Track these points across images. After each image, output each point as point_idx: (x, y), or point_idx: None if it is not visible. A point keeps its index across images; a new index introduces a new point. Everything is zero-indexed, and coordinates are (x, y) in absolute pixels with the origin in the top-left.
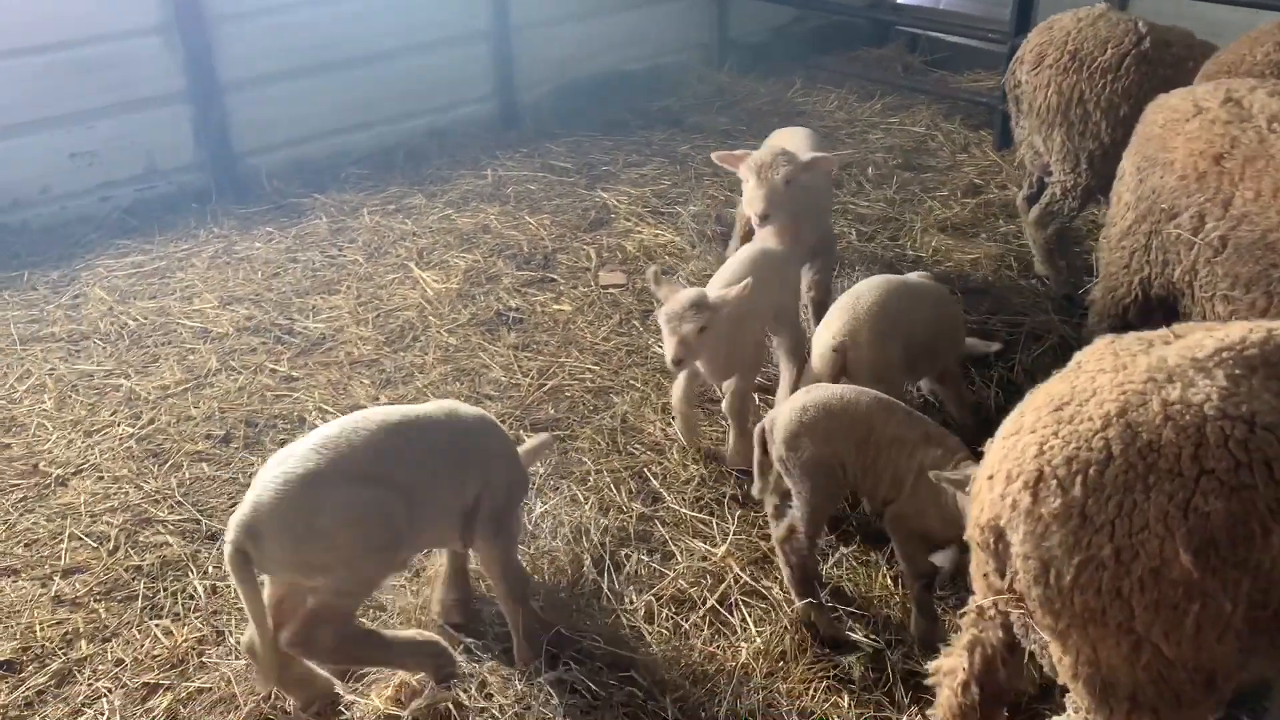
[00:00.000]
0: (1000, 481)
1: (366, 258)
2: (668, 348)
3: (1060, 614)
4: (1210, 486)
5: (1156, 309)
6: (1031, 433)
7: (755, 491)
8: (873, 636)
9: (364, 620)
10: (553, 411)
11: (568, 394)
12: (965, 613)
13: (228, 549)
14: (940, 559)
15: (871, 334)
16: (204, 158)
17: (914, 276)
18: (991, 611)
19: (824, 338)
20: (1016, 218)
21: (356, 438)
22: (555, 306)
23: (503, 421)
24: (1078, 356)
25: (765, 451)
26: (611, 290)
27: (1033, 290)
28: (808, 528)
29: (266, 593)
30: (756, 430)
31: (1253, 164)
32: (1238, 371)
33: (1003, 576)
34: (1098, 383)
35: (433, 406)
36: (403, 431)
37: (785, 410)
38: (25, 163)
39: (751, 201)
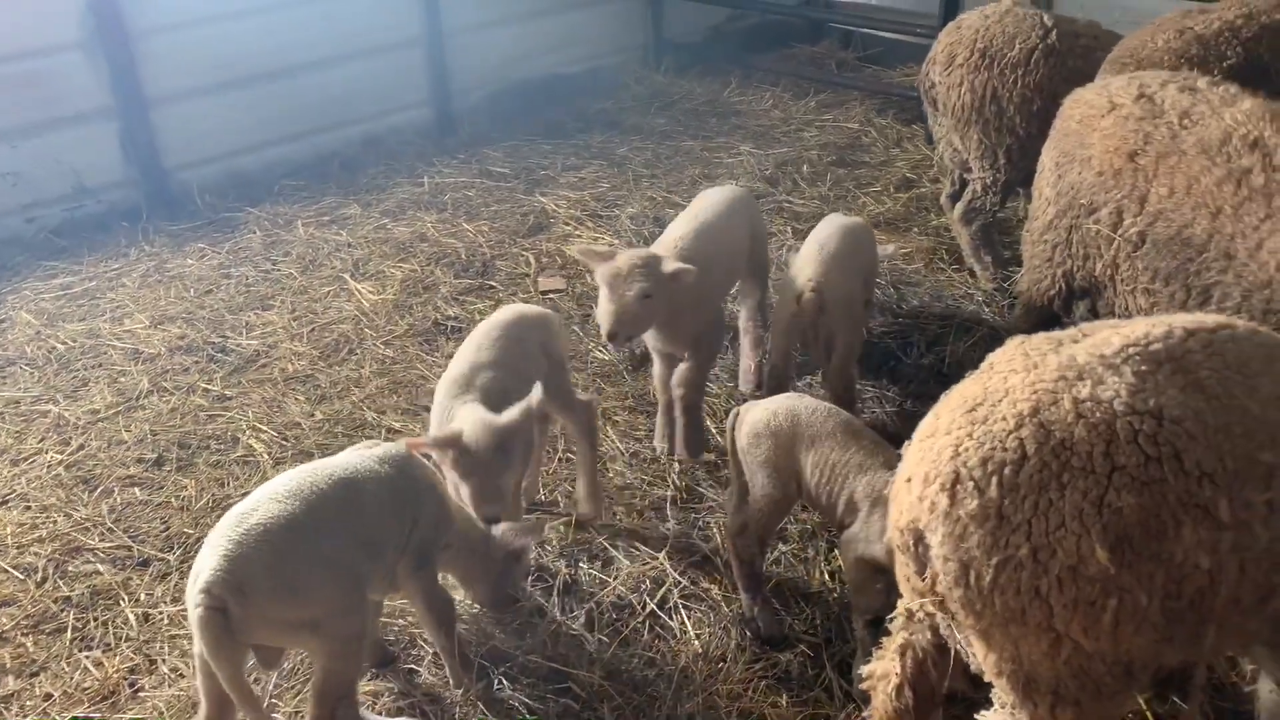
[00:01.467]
0: (918, 484)
1: (301, 271)
2: (604, 316)
3: (981, 614)
4: (1123, 482)
5: (1080, 300)
6: (947, 434)
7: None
8: (810, 634)
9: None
10: None
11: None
12: (894, 616)
13: (200, 611)
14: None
15: (841, 273)
16: (133, 175)
17: (841, 217)
18: (920, 615)
19: (799, 282)
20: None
21: (316, 490)
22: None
23: None
24: (990, 358)
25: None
26: (551, 295)
27: (964, 282)
28: (758, 527)
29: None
30: (730, 417)
31: (1165, 160)
32: (1144, 367)
33: (923, 578)
34: (1010, 383)
35: (365, 453)
36: (353, 483)
37: (758, 406)
38: None
39: (601, 317)
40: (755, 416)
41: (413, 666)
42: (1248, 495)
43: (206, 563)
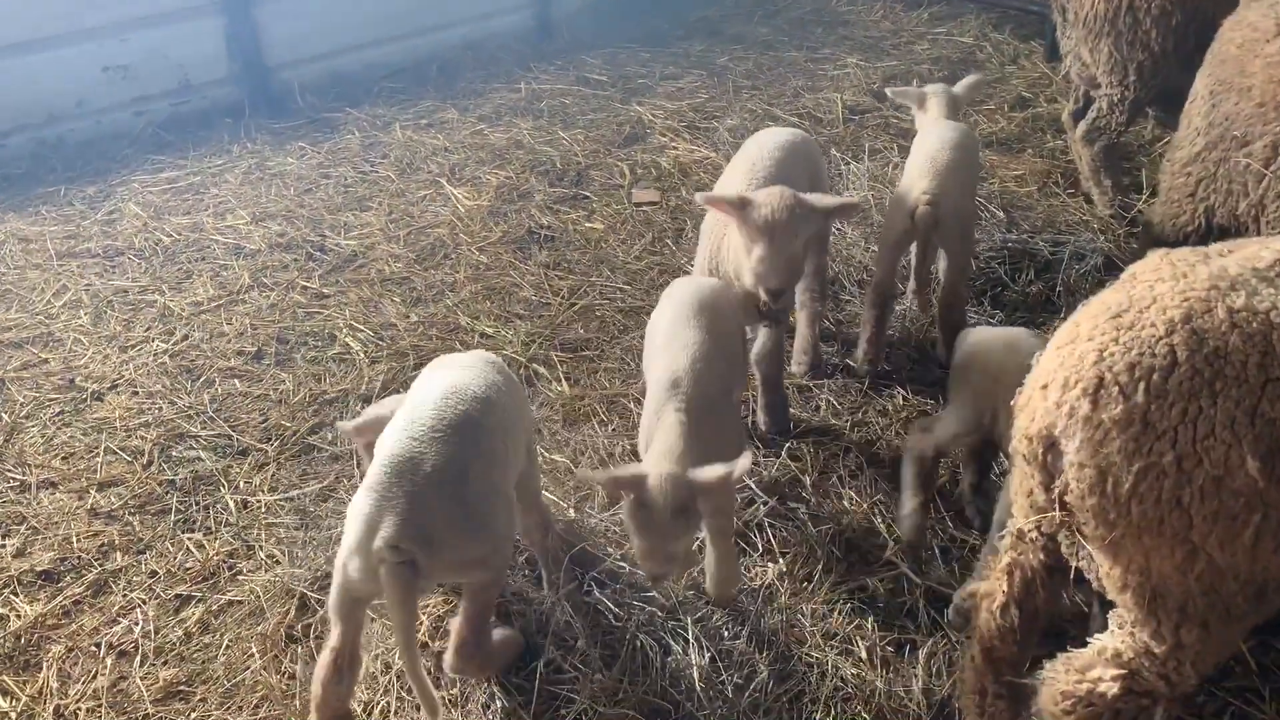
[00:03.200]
0: (1055, 390)
1: (398, 174)
2: (767, 271)
3: (1115, 523)
4: (1277, 394)
5: (1216, 240)
6: (1089, 340)
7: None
8: (896, 561)
9: None
10: (582, 331)
11: (598, 314)
12: (1004, 535)
13: (389, 567)
14: None
15: (957, 186)
16: (237, 72)
17: (961, 127)
18: (1033, 534)
19: (914, 195)
20: (1064, 133)
21: (470, 420)
22: (587, 225)
23: (532, 341)
24: (1130, 269)
25: None
26: (645, 208)
27: (1079, 208)
28: (939, 438)
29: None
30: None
31: None
32: None
33: (1048, 491)
34: (1157, 290)
35: (475, 363)
36: (489, 401)
37: (982, 332)
38: (59, 77)
39: (762, 275)
40: (974, 340)
41: None
42: None
43: (383, 516)
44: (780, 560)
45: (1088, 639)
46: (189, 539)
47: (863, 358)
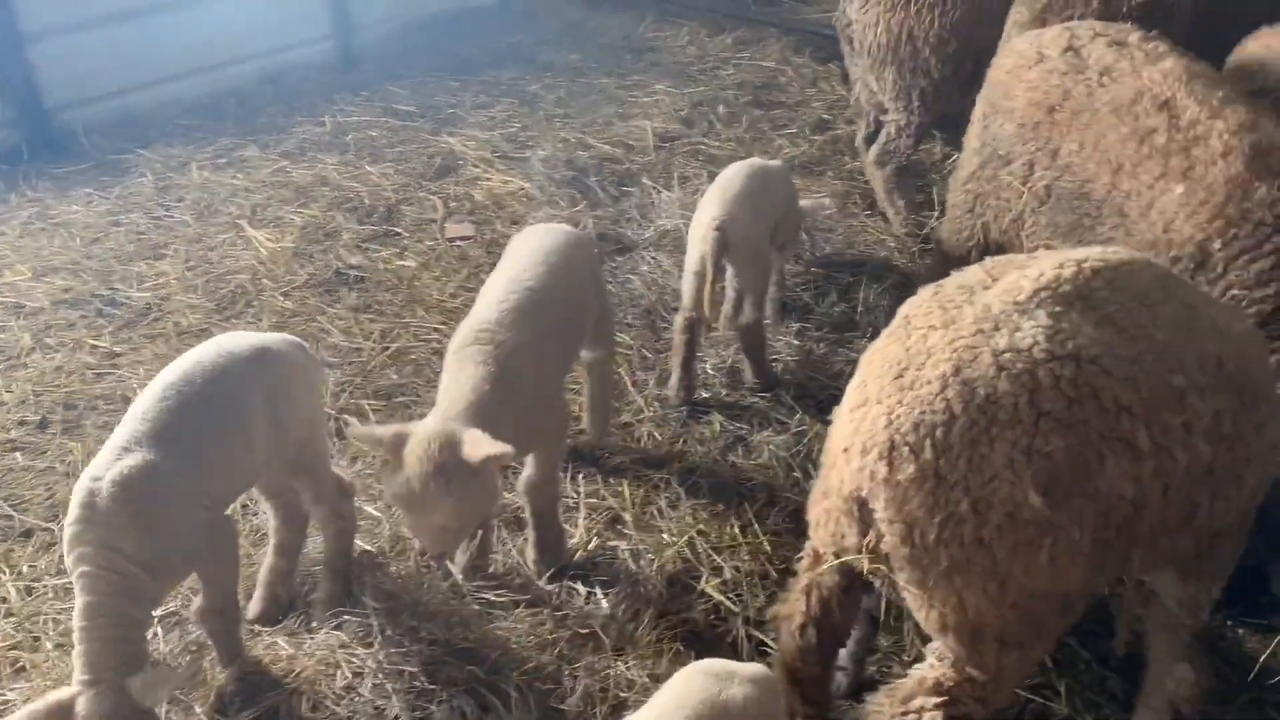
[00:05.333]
0: (856, 454)
1: (196, 217)
2: (416, 535)
3: (928, 569)
4: (1049, 427)
5: (996, 253)
6: (878, 403)
7: None
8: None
9: None
10: (396, 377)
11: (412, 357)
12: (801, 558)
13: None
14: None
15: (747, 212)
16: (11, 114)
17: (758, 160)
18: (829, 558)
19: (704, 220)
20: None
21: None
22: (399, 262)
23: (344, 389)
24: (904, 310)
25: None
26: (459, 243)
27: (876, 228)
28: None
29: None
30: None
31: (1079, 116)
32: (1057, 309)
33: (861, 538)
34: (930, 341)
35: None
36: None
37: None
38: None
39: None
40: None
41: None
42: (1165, 420)
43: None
44: (604, 601)
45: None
46: None
47: (677, 386)
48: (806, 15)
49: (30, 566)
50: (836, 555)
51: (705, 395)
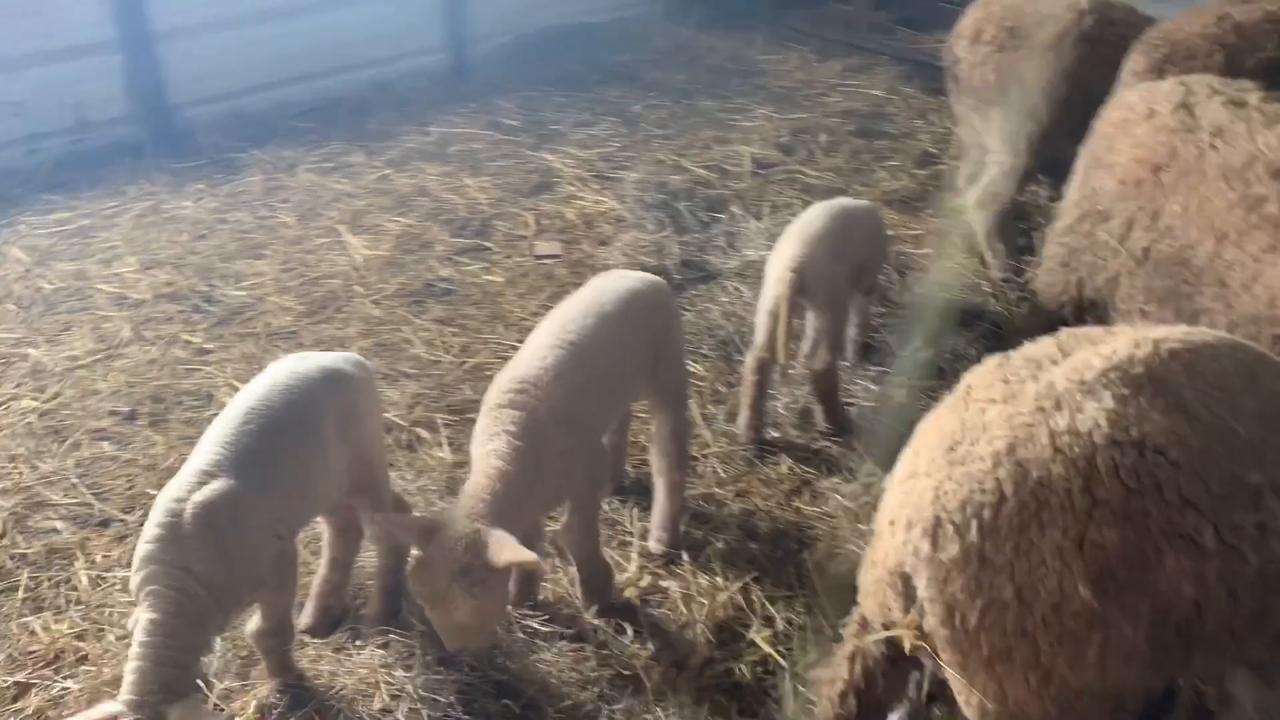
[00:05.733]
0: (901, 528)
1: (298, 220)
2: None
3: (968, 654)
4: (1103, 517)
5: (1089, 311)
6: (927, 476)
7: None
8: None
9: None
10: (470, 393)
11: (488, 373)
12: (848, 622)
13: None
14: None
15: (826, 253)
16: (137, 110)
17: (846, 199)
18: (875, 628)
19: (781, 260)
20: None
21: None
22: (487, 277)
23: (419, 402)
24: (967, 380)
25: None
26: (546, 261)
27: (973, 272)
28: None
29: None
30: None
31: (1186, 178)
32: (1125, 391)
33: (905, 614)
34: (987, 416)
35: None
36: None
37: None
38: None
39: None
40: None
41: None
42: (1235, 519)
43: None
44: (649, 645)
45: None
46: (36, 620)
47: (746, 424)
48: (921, 44)
49: (104, 556)
50: (884, 626)
51: (775, 435)
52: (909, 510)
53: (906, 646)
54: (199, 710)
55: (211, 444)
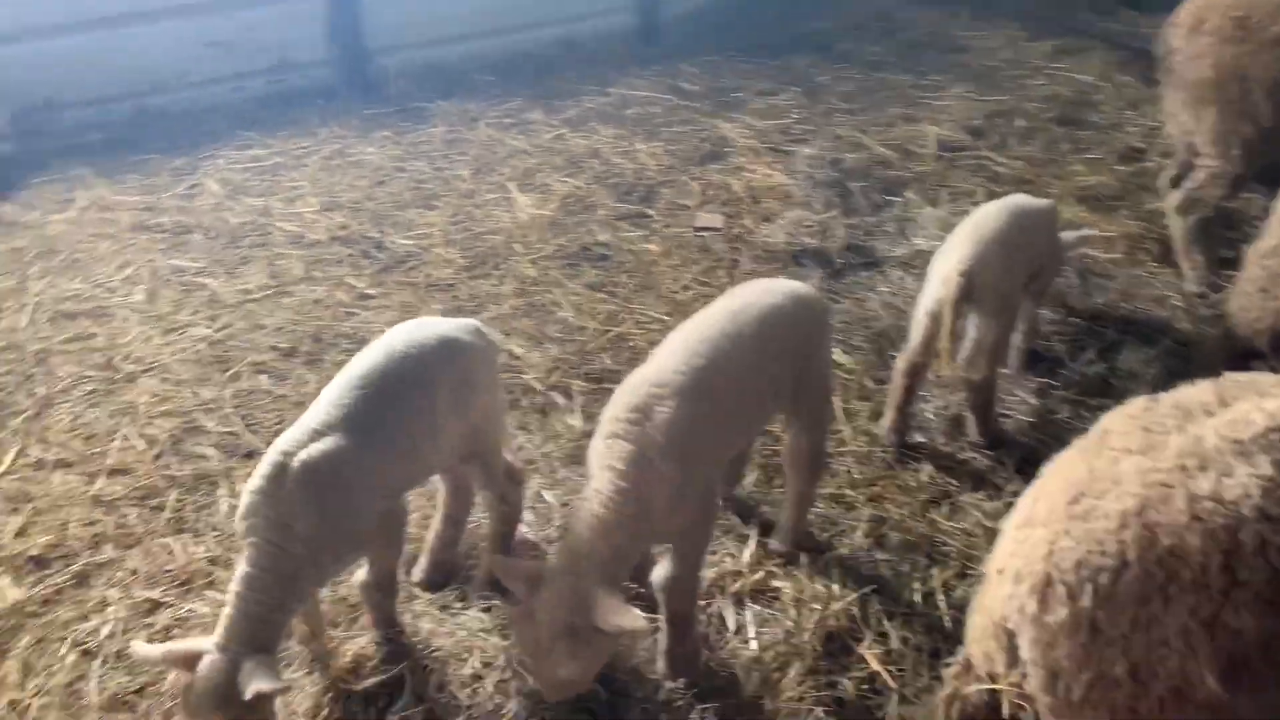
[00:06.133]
0: (1009, 580)
1: (472, 174)
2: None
3: None
4: (1243, 599)
5: None
6: (1043, 527)
7: None
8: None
9: None
10: (610, 362)
11: (630, 344)
12: (950, 663)
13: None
14: None
15: (998, 260)
16: (335, 54)
17: (1023, 198)
18: (979, 676)
19: (949, 262)
20: None
21: None
22: (644, 245)
23: (558, 367)
24: (1104, 422)
25: None
26: (705, 234)
27: (1165, 282)
28: None
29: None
30: None
31: None
32: None
33: (1010, 669)
34: (1121, 467)
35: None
36: None
37: None
38: (165, 49)
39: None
40: None
41: None
42: None
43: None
44: (753, 643)
45: None
46: (176, 541)
47: (890, 426)
48: (1143, 28)
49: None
50: (989, 677)
51: (919, 439)
52: (1019, 561)
53: (1005, 708)
54: (267, 672)
55: (326, 403)
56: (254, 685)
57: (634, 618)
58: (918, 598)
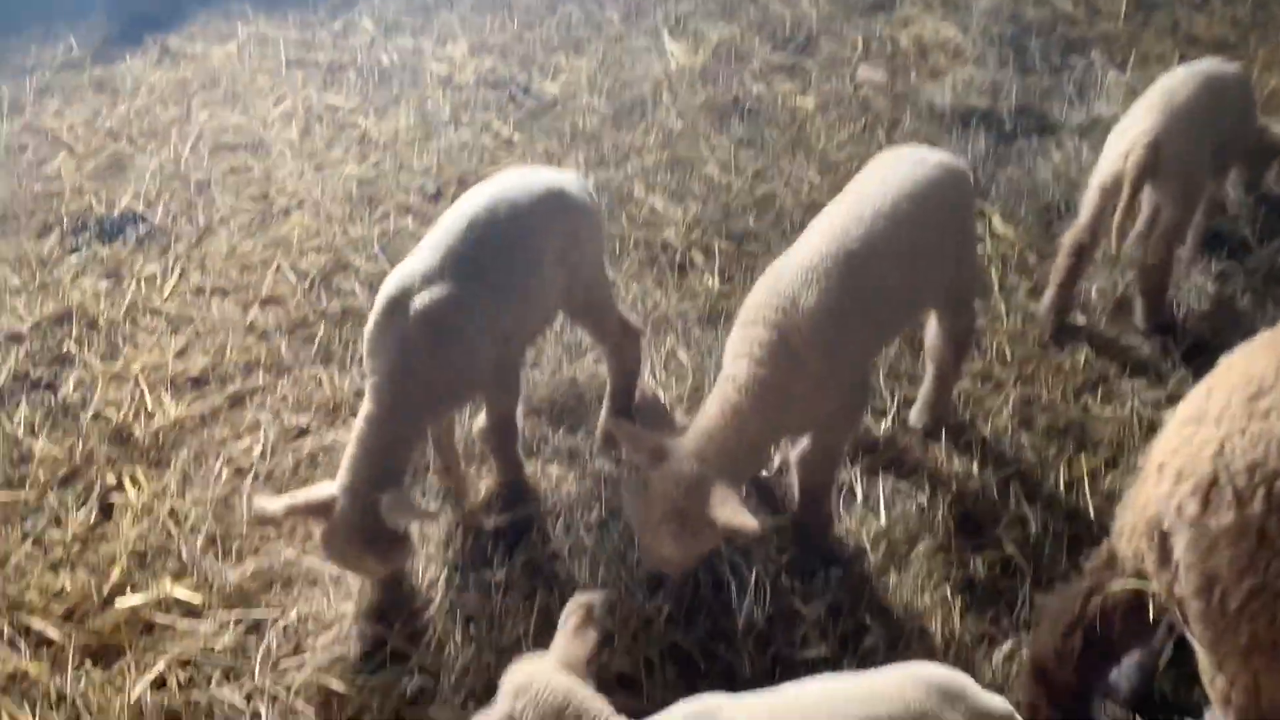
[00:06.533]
0: (1169, 478)
1: (623, 18)
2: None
3: (1223, 635)
4: None
5: None
6: (1215, 423)
7: None
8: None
9: None
10: (753, 222)
11: (777, 204)
12: (1092, 555)
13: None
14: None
15: (1187, 132)
16: None
17: (1215, 62)
18: (1124, 571)
19: (1133, 131)
20: None
21: None
22: (798, 99)
23: (699, 224)
24: None
25: None
26: (866, 89)
27: None
28: None
29: None
30: None
31: None
32: None
33: (1160, 569)
34: None
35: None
36: None
37: None
38: None
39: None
40: None
41: None
42: None
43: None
44: (882, 518)
45: None
46: (323, 372)
47: (1049, 305)
48: None
49: None
50: (1136, 573)
51: (1079, 319)
52: (1183, 459)
53: (1152, 607)
54: (407, 502)
55: (437, 245)
56: (399, 516)
57: (746, 518)
58: (1061, 485)
